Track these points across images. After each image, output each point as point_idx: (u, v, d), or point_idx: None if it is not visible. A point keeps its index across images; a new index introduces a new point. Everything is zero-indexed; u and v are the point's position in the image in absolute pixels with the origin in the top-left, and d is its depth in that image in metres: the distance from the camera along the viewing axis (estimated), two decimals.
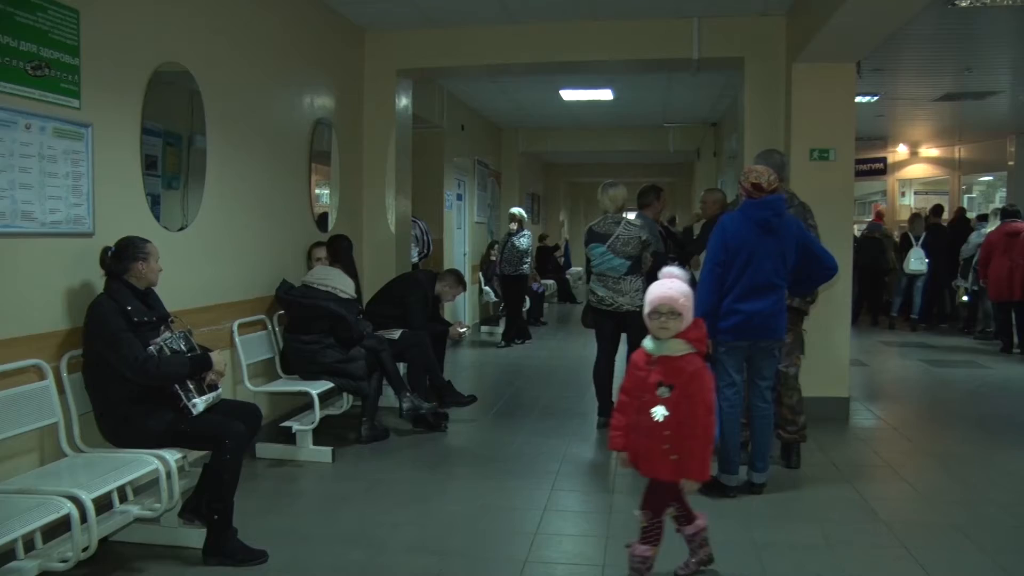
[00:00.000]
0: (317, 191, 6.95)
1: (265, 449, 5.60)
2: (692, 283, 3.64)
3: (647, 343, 3.54)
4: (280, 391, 5.84)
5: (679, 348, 3.44)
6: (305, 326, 5.84)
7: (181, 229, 5.01)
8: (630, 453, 3.57)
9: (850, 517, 4.59)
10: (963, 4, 6.60)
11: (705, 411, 3.41)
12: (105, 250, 3.98)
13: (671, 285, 3.44)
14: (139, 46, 4.56)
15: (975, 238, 11.82)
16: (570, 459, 5.69)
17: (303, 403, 5.91)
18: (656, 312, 3.43)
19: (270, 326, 5.96)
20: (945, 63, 9.30)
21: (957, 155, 15.75)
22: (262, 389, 5.69)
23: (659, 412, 3.40)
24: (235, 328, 5.47)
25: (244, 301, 5.67)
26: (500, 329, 11.65)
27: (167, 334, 4.01)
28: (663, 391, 3.41)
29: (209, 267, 5.26)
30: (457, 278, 7.29)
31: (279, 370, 5.97)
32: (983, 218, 12.29)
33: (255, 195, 5.85)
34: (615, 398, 6.40)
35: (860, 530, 4.40)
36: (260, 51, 5.91)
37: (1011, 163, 14.26)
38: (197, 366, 4.00)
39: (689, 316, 3.45)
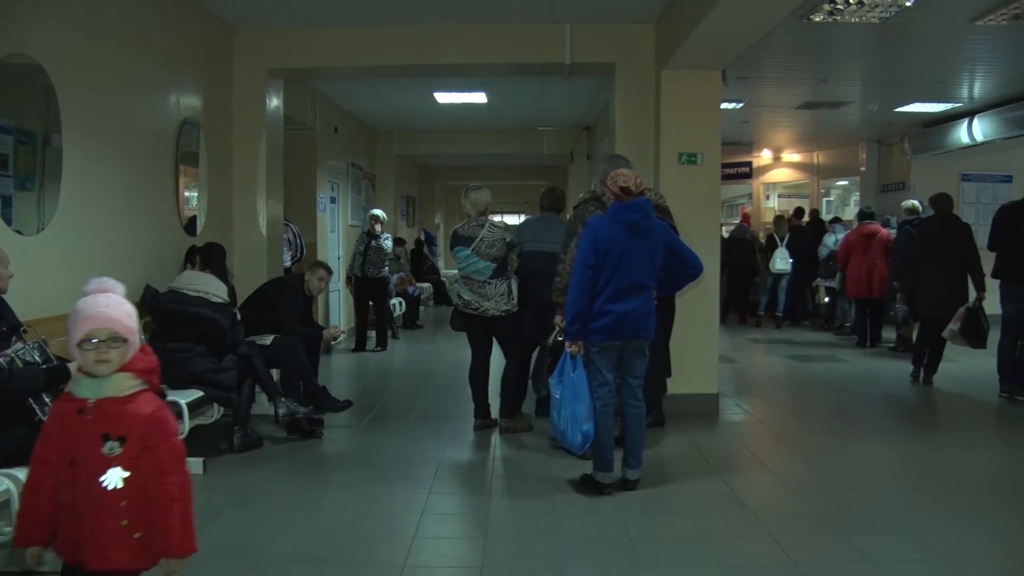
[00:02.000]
0: (186, 194, 6.71)
1: None
2: None
3: (74, 384, 2.63)
4: None
5: (126, 385, 2.59)
6: (174, 334, 5.60)
7: (36, 232, 4.74)
8: (63, 543, 2.58)
9: (720, 509, 4.75)
10: (817, 19, 6.95)
11: (175, 462, 2.61)
12: None
13: (109, 301, 2.60)
14: None
15: (829, 240, 12.48)
16: (447, 462, 5.68)
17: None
18: (90, 339, 2.54)
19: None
20: (803, 73, 9.77)
21: (816, 160, 16.54)
22: None
23: (114, 477, 2.51)
24: None
25: None
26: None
27: (19, 345, 3.78)
28: (112, 447, 2.51)
29: (67, 273, 4.98)
30: (323, 267, 7.15)
31: None
32: (837, 220, 12.96)
33: (117, 197, 5.60)
34: (491, 400, 6.52)
35: (730, 521, 4.55)
36: (120, 46, 5.65)
37: (863, 169, 15.13)
38: (54, 378, 3.78)
39: (136, 341, 2.64)
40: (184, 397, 5.37)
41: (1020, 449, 6.36)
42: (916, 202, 10.20)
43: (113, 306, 2.59)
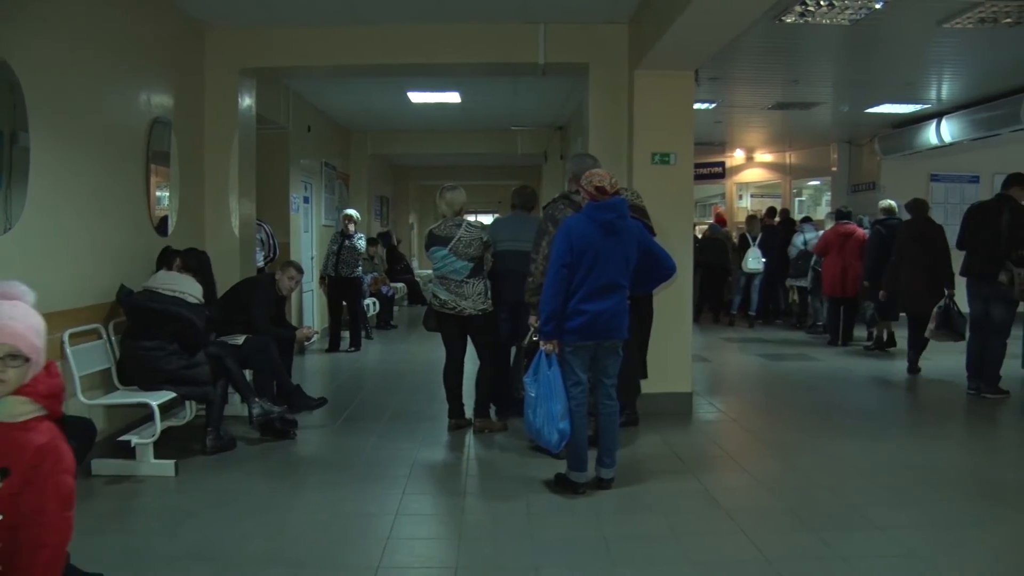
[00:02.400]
0: (158, 193, 6.63)
1: (102, 465, 5.30)
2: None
3: None
4: (117, 403, 5.55)
5: (20, 411, 2.26)
6: (148, 331, 5.56)
7: (3, 232, 4.66)
8: None
9: (694, 507, 4.78)
10: (789, 20, 7.01)
11: (58, 502, 2.25)
12: None
13: (15, 312, 2.29)
14: None
15: (798, 240, 12.60)
16: (421, 462, 5.67)
17: (143, 415, 5.64)
18: None
19: (105, 335, 5.65)
20: (775, 74, 9.84)
21: (788, 160, 16.66)
22: (97, 402, 5.39)
23: None
24: (66, 338, 5.15)
25: (76, 309, 5.34)
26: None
27: None
28: None
29: (35, 273, 4.88)
30: (294, 266, 7.13)
31: (116, 381, 5.66)
32: (807, 220, 13.07)
33: (87, 196, 5.52)
34: (466, 399, 6.52)
35: (703, 519, 4.59)
36: (89, 43, 5.57)
37: (834, 169, 15.28)
38: None
39: (40, 360, 2.32)
40: (155, 399, 5.34)
41: (989, 445, 6.47)
42: (892, 202, 10.32)
43: (19, 319, 2.26)
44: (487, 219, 7.08)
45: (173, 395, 5.54)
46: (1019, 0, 6.57)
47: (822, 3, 6.62)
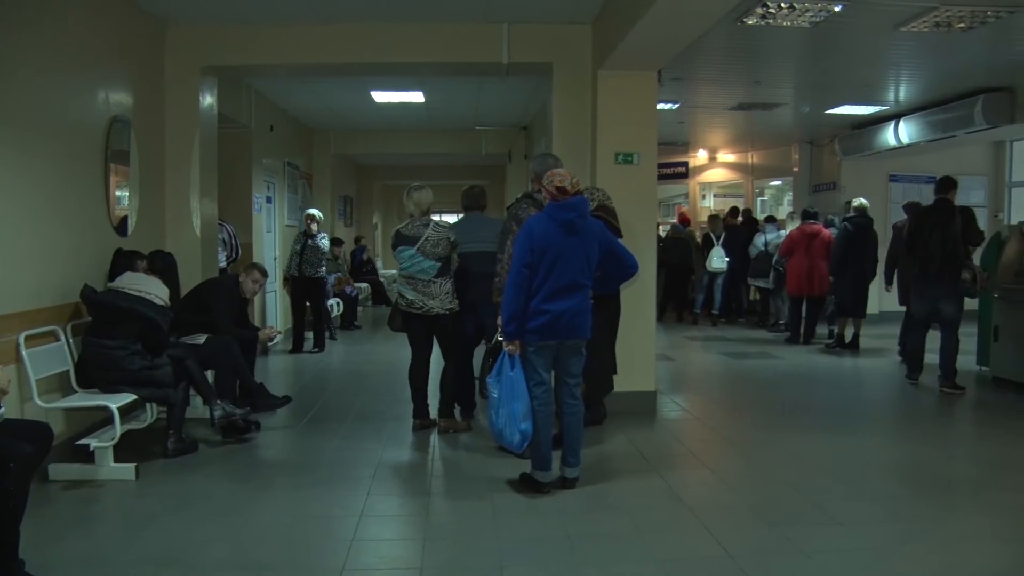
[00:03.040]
0: (119, 193, 6.54)
1: (59, 470, 5.20)
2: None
3: None
4: (76, 406, 5.45)
5: None
6: (112, 330, 5.47)
7: None
8: None
9: (658, 505, 4.81)
10: (751, 22, 7.08)
11: None
12: None
13: None
14: None
15: (759, 240, 12.72)
16: (385, 463, 5.65)
17: (102, 418, 5.55)
18: None
19: (64, 337, 5.55)
20: (737, 75, 9.93)
21: (750, 161, 16.84)
22: (55, 405, 5.29)
23: None
24: (21, 340, 5.05)
25: (32, 311, 5.24)
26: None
27: None
28: None
29: None
30: (259, 269, 7.06)
31: (74, 384, 5.56)
32: (771, 219, 13.20)
33: (43, 196, 5.41)
34: (431, 400, 6.50)
35: (667, 516, 4.62)
36: (44, 39, 5.46)
37: (796, 169, 15.46)
38: None
39: None
40: (115, 401, 5.26)
41: (945, 440, 6.57)
42: (865, 201, 10.47)
43: None
44: (453, 219, 7.10)
45: (133, 397, 5.46)
46: (971, 6, 6.70)
47: (783, 5, 6.70)
